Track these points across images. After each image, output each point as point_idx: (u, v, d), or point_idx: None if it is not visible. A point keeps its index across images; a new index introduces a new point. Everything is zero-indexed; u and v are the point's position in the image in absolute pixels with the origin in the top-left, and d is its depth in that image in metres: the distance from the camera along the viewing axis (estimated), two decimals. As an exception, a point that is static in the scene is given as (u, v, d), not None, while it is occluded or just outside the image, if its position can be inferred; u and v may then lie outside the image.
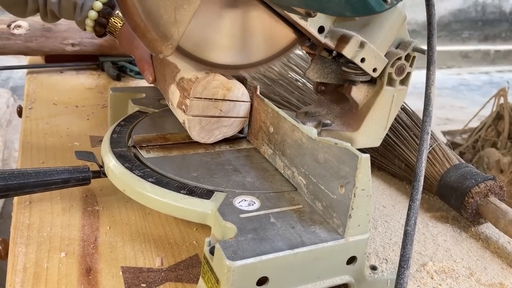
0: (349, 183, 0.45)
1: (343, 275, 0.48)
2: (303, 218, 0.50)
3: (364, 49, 0.58)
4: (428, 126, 0.48)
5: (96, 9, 0.84)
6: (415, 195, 0.46)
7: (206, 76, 0.60)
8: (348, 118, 0.67)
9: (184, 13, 0.50)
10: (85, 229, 0.59)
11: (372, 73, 0.60)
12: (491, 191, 0.65)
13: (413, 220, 0.46)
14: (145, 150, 0.62)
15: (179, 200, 0.52)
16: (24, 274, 0.50)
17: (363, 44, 0.58)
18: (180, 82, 0.64)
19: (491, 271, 0.58)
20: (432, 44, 0.48)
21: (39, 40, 1.18)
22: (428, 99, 0.48)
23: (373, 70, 0.60)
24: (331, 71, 0.64)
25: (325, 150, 0.49)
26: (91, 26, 0.86)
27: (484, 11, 5.75)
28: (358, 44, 0.57)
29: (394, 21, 0.60)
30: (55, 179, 0.59)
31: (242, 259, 0.42)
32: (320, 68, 0.63)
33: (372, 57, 0.59)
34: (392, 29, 0.60)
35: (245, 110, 0.65)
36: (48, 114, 0.96)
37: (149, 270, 0.53)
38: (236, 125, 0.65)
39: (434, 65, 0.48)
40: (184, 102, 0.62)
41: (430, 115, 0.48)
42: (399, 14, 0.60)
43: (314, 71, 0.63)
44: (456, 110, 3.97)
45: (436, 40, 0.48)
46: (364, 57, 0.58)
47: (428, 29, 0.48)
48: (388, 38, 0.61)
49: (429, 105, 0.47)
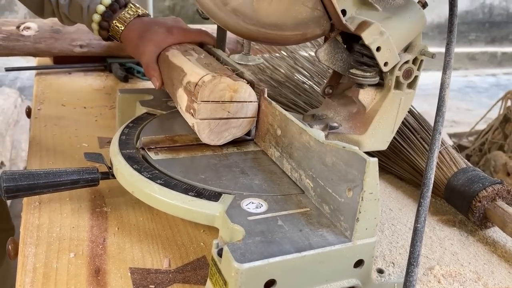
0: (357, 186, 0.46)
1: (350, 278, 0.48)
2: (311, 221, 0.50)
3: (382, 37, 0.57)
4: (441, 126, 0.48)
5: (99, 12, 0.83)
6: (425, 192, 0.47)
7: (212, 79, 0.61)
8: (355, 121, 0.67)
9: None
10: (94, 230, 0.59)
11: (383, 67, 0.60)
12: (499, 195, 0.65)
13: (423, 217, 0.46)
14: (154, 152, 0.62)
15: (187, 202, 0.53)
16: (34, 274, 0.51)
17: (383, 33, 0.57)
18: (187, 86, 0.64)
19: (498, 275, 0.57)
20: (450, 50, 0.49)
21: (48, 42, 1.19)
22: (442, 100, 0.49)
23: (384, 64, 0.60)
24: (340, 59, 0.64)
25: (333, 153, 0.49)
26: (97, 30, 0.85)
27: (491, 12, 5.73)
28: (378, 31, 0.57)
29: (416, 22, 0.60)
30: (64, 180, 0.60)
31: (250, 262, 0.43)
32: (331, 51, 0.63)
33: (387, 50, 0.59)
34: (412, 29, 0.60)
35: (253, 110, 0.65)
36: (57, 115, 0.97)
37: (157, 271, 0.53)
38: (245, 125, 0.66)
39: (450, 70, 0.49)
40: (192, 106, 0.62)
41: (443, 116, 0.48)
42: (422, 17, 0.60)
43: (325, 52, 0.63)
44: (462, 112, 3.96)
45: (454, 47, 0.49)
46: (380, 46, 0.58)
47: (448, 36, 0.50)
48: (406, 37, 0.60)
49: (443, 106, 0.48)
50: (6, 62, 1.57)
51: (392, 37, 0.59)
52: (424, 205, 0.46)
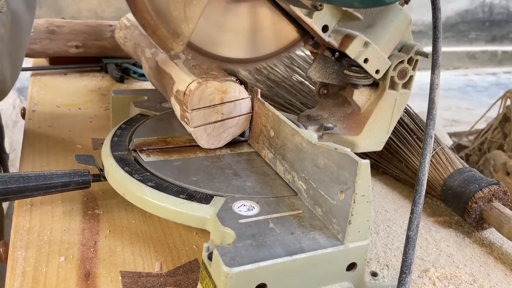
0: (349, 188, 0.45)
1: (343, 281, 0.48)
2: (303, 223, 0.49)
3: (368, 49, 0.57)
4: (432, 129, 0.47)
5: None
6: (417, 199, 0.46)
7: (198, 86, 0.60)
8: (350, 122, 0.67)
9: (194, 9, 0.50)
10: (85, 233, 0.59)
11: (375, 75, 0.60)
12: (495, 196, 0.64)
13: (415, 225, 0.45)
14: (145, 154, 0.62)
15: (178, 204, 0.52)
16: (23, 279, 0.50)
17: (367, 44, 0.57)
18: (177, 95, 0.63)
19: (495, 278, 0.57)
20: (437, 47, 0.48)
21: (43, 42, 1.18)
22: (432, 102, 0.47)
23: (375, 71, 0.60)
24: (333, 72, 0.63)
25: (325, 155, 0.49)
26: None
27: (492, 11, 5.71)
28: (362, 43, 0.57)
29: (399, 24, 0.59)
30: (55, 182, 0.59)
31: (240, 266, 0.42)
32: (322, 68, 0.63)
33: (376, 58, 0.58)
34: (397, 31, 0.60)
35: (246, 106, 0.64)
36: (51, 117, 0.96)
37: (148, 274, 0.52)
38: (242, 122, 0.65)
39: (439, 69, 0.47)
40: (185, 116, 0.62)
41: (434, 119, 0.47)
42: (405, 16, 0.59)
43: (316, 70, 0.62)
44: (462, 111, 3.94)
45: (441, 44, 0.47)
46: (367, 58, 0.58)
47: (434, 32, 0.48)
48: (392, 40, 0.60)
49: (433, 109, 0.47)
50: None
51: (378, 45, 0.58)
52: (417, 212, 0.45)
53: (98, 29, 1.24)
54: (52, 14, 3.59)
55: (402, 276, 0.45)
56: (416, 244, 0.45)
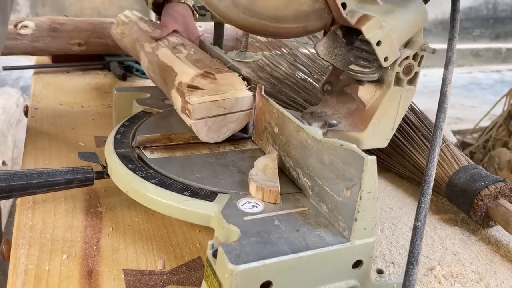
0: (355, 185, 0.44)
1: (348, 279, 0.47)
2: (308, 221, 0.49)
3: (383, 31, 0.56)
4: (442, 122, 0.47)
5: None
6: (426, 189, 0.45)
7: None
8: (355, 119, 0.66)
9: None
10: (88, 230, 0.58)
11: (383, 62, 0.59)
12: (501, 194, 0.63)
13: (423, 215, 0.45)
14: (149, 151, 0.61)
15: (182, 202, 0.51)
16: (25, 277, 0.50)
17: (383, 27, 0.56)
18: (179, 87, 0.63)
19: (501, 276, 0.56)
20: (452, 45, 0.48)
21: (45, 40, 1.18)
22: (444, 96, 0.48)
23: (384, 59, 0.59)
24: (340, 54, 0.62)
25: (330, 151, 0.48)
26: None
27: (496, 8, 5.69)
28: (379, 25, 0.56)
29: (418, 16, 0.58)
30: (58, 180, 0.59)
31: (245, 263, 0.41)
32: (330, 46, 0.62)
33: (388, 44, 0.57)
34: (414, 24, 0.58)
35: (248, 102, 0.64)
36: (54, 114, 0.96)
37: (150, 273, 0.52)
38: (242, 118, 0.64)
39: (452, 65, 0.48)
40: (187, 107, 0.61)
41: (445, 112, 0.47)
42: (424, 11, 0.59)
43: (324, 46, 0.61)
44: (467, 109, 3.93)
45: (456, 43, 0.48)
46: (380, 40, 0.57)
47: (451, 31, 0.49)
48: (407, 31, 0.59)
49: (444, 102, 0.47)
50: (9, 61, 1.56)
51: (393, 32, 0.57)
52: (425, 203, 0.45)
53: (100, 27, 1.23)
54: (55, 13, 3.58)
55: (409, 267, 0.44)
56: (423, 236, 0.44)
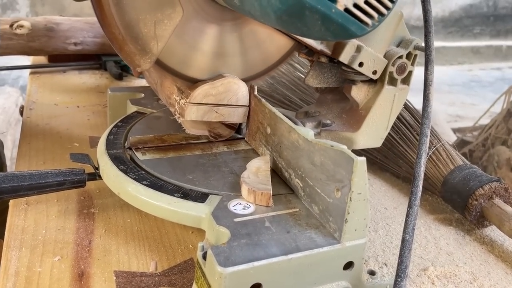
0: (345, 186, 0.44)
1: (339, 280, 0.47)
2: (299, 222, 0.48)
3: (361, 53, 0.56)
4: (427, 128, 0.46)
5: None
6: (413, 201, 0.45)
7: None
8: (349, 118, 0.66)
9: (164, 28, 0.50)
10: (80, 232, 0.58)
11: (372, 76, 0.59)
12: (496, 193, 0.63)
13: (411, 227, 0.44)
14: (141, 152, 0.61)
15: (173, 203, 0.51)
16: (16, 279, 0.50)
17: (360, 48, 0.56)
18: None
19: (495, 276, 0.56)
20: (430, 42, 0.46)
21: (41, 40, 1.17)
22: (426, 100, 0.46)
23: (373, 72, 0.59)
24: (331, 75, 0.63)
25: (321, 152, 0.48)
26: None
27: (496, 6, 5.67)
28: (354, 48, 0.56)
29: (389, 21, 0.58)
30: (49, 181, 0.58)
31: (234, 266, 0.41)
32: (319, 74, 0.62)
33: (371, 60, 0.58)
34: (388, 29, 0.59)
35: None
36: (49, 115, 0.95)
37: (142, 274, 0.52)
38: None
39: (432, 65, 0.46)
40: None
41: (429, 117, 0.46)
42: (394, 13, 0.58)
43: (314, 77, 0.62)
44: (467, 107, 3.92)
45: (433, 38, 0.46)
46: (362, 61, 0.57)
47: (425, 26, 0.47)
48: (385, 38, 0.59)
49: (428, 107, 0.46)
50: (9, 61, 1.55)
51: (371, 46, 0.57)
52: (413, 215, 0.44)
53: (96, 26, 1.23)
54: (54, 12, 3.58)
55: (397, 280, 0.44)
56: (412, 248, 0.44)
